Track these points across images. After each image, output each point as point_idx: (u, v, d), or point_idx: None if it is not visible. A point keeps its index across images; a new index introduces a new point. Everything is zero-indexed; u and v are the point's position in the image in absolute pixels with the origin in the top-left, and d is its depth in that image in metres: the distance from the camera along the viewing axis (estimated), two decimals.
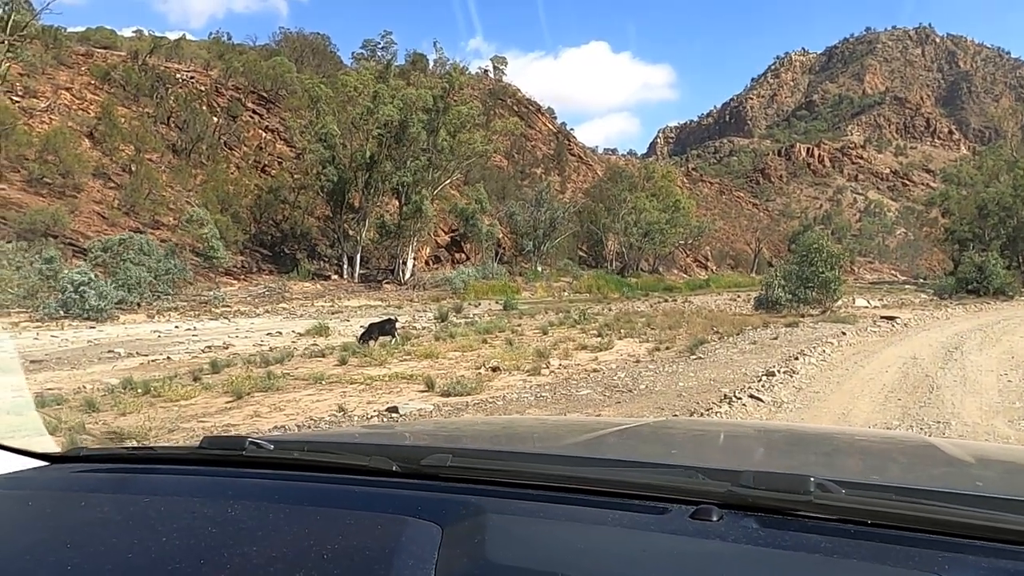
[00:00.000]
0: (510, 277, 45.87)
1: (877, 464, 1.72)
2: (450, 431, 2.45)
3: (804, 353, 13.17)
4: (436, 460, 1.24)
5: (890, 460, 1.79)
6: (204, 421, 8.43)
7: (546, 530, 1.01)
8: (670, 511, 1.03)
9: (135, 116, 45.71)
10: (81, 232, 32.95)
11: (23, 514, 1.13)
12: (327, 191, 42.60)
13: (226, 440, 1.43)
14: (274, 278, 38.28)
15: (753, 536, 0.95)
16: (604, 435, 1.86)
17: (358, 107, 41.65)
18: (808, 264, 25.31)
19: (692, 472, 1.15)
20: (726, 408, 8.48)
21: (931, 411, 8.45)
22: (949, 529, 0.93)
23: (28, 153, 36.43)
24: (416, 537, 0.96)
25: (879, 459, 1.79)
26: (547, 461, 1.30)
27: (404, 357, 13.88)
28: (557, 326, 19.86)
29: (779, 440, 2.08)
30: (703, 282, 58.18)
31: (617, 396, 9.74)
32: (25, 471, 1.38)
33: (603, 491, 1.10)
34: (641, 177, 66.33)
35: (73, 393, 9.99)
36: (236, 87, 55.39)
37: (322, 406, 9.32)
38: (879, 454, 1.87)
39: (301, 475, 1.27)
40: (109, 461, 1.44)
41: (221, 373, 11.83)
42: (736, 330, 18.14)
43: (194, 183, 43.55)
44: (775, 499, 1.01)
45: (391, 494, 1.14)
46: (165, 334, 19.35)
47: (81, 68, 47.87)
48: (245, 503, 1.12)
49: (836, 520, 0.97)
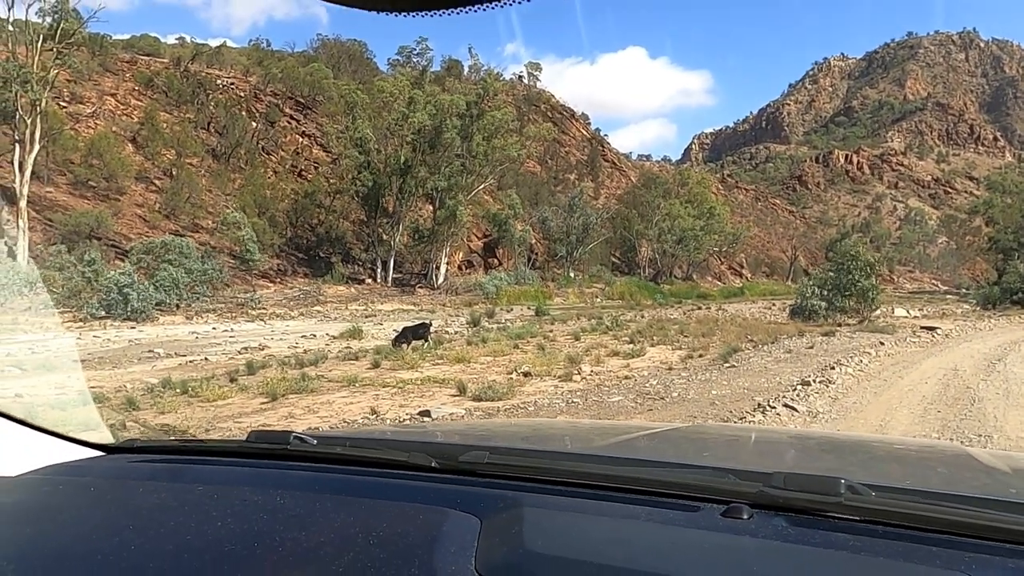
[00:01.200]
0: (542, 283, 45.84)
1: (909, 470, 1.71)
2: (485, 431, 2.48)
3: (841, 363, 12.97)
4: (474, 457, 1.27)
5: (922, 466, 1.77)
6: (240, 421, 8.58)
7: (581, 523, 1.04)
8: (702, 509, 1.04)
9: (176, 121, 46.76)
10: (123, 234, 33.77)
11: (85, 499, 1.19)
12: (362, 196, 43.07)
13: (272, 434, 1.48)
14: (309, 281, 38.78)
15: (783, 534, 0.96)
16: (635, 437, 1.88)
17: (393, 113, 42.08)
18: (845, 272, 24.90)
19: (723, 473, 1.17)
20: (760, 417, 8.40)
21: (972, 424, 8.27)
22: (976, 532, 0.93)
23: (74, 157, 37.50)
24: (456, 527, 1.00)
25: (911, 465, 1.78)
26: (581, 460, 1.32)
27: (436, 361, 13.96)
28: (589, 332, 19.81)
29: (811, 445, 2.08)
30: (737, 290, 57.60)
31: (649, 403, 9.69)
32: (84, 460, 1.45)
33: (636, 489, 1.13)
34: (675, 183, 65.93)
35: (114, 392, 10.24)
36: (274, 93, 56.34)
37: (355, 408, 9.43)
38: (912, 460, 1.86)
39: (343, 468, 1.31)
40: (161, 452, 1.50)
41: (256, 374, 12.02)
42: (771, 338, 17.91)
43: (232, 187, 44.37)
44: (805, 500, 1.02)
45: (431, 488, 1.18)
46: (203, 335, 19.73)
47: (125, 75, 49.15)
48: (292, 493, 1.16)
49: (866, 521, 0.98)
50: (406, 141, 42.08)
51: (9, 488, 1.24)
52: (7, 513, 1.12)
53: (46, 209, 32.71)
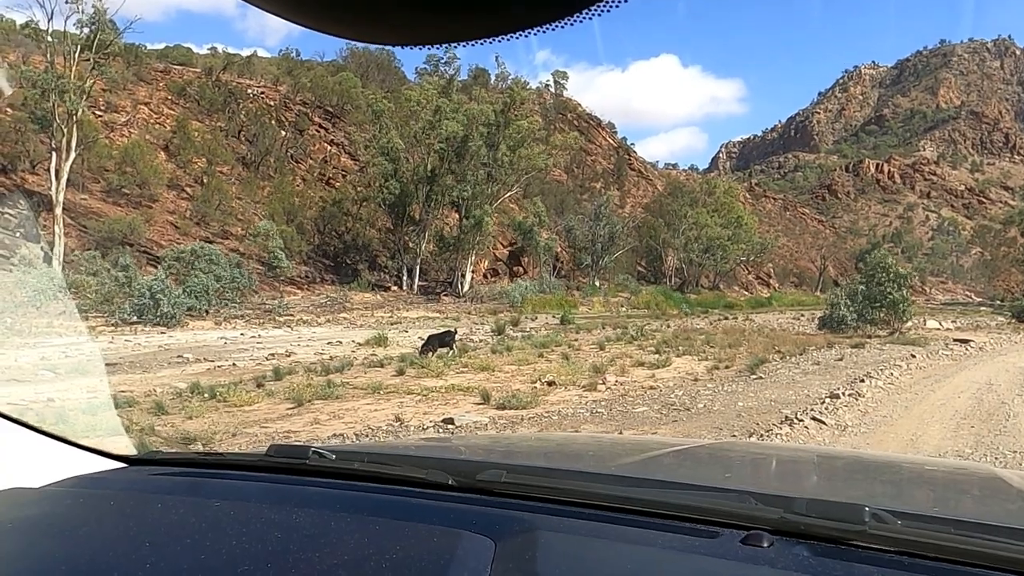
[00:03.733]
0: (567, 292, 45.78)
1: (938, 495, 1.67)
2: (505, 446, 2.47)
3: (871, 375, 12.75)
4: (491, 476, 1.27)
5: (952, 491, 1.73)
6: (266, 427, 8.66)
7: (597, 549, 1.03)
8: (721, 535, 1.03)
9: (208, 130, 47.59)
10: (155, 241, 34.38)
11: (106, 512, 1.21)
12: (389, 204, 43.40)
13: (291, 448, 1.49)
14: (335, 288, 39.12)
15: (804, 564, 0.94)
16: (659, 455, 1.86)
17: (420, 121, 42.39)
18: (876, 283, 24.52)
19: (745, 497, 1.14)
20: (787, 430, 8.27)
21: (1007, 440, 8.07)
22: (1002, 564, 0.90)
23: (108, 165, 38.30)
24: (470, 551, 0.99)
25: (940, 490, 1.74)
26: (600, 480, 1.31)
27: (461, 369, 13.98)
28: (614, 342, 19.71)
29: (836, 466, 2.03)
30: (765, 300, 56.98)
31: (674, 415, 9.60)
32: (105, 472, 1.48)
33: (655, 512, 1.11)
34: (702, 192, 65.53)
35: (144, 396, 10.40)
36: (303, 102, 57.09)
37: (380, 415, 9.46)
38: (941, 484, 1.81)
39: (361, 485, 1.32)
40: (182, 465, 1.52)
41: (283, 380, 12.13)
42: (799, 350, 17.68)
43: (262, 195, 44.99)
44: (828, 528, 1.00)
45: (447, 507, 1.17)
46: (231, 341, 19.97)
47: (159, 84, 50.16)
48: (308, 511, 1.17)
49: (892, 552, 0.95)
50: (433, 150, 42.36)
51: (34, 500, 1.26)
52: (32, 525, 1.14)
53: (81, 216, 33.44)
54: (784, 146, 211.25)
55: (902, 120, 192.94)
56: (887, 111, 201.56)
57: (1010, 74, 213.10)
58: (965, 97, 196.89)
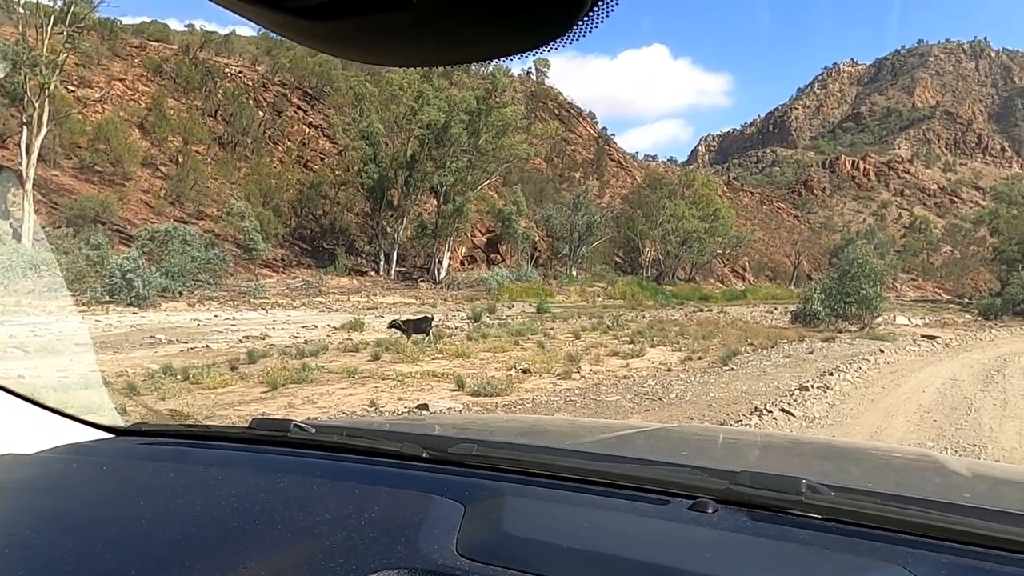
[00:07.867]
0: (544, 280, 45.89)
1: (870, 473, 1.79)
2: (478, 425, 2.55)
3: (840, 369, 13.00)
4: (463, 449, 1.35)
5: (887, 469, 1.86)
6: (240, 409, 8.65)
7: (558, 512, 1.12)
8: (671, 503, 1.13)
9: (184, 108, 46.86)
10: (128, 220, 33.88)
11: (99, 477, 1.26)
12: (367, 188, 43.15)
13: (273, 422, 1.55)
14: (312, 272, 38.88)
15: (743, 527, 1.05)
16: (622, 435, 1.98)
17: (402, 106, 42.09)
18: (849, 279, 24.91)
19: (695, 470, 1.24)
20: (756, 420, 8.44)
21: (967, 433, 8.30)
22: (919, 530, 1.01)
23: (81, 141, 37.60)
24: (441, 512, 1.07)
25: (875, 468, 1.86)
26: (565, 455, 1.39)
27: (436, 355, 14.03)
28: (590, 331, 19.86)
29: (781, 446, 2.20)
30: (740, 293, 57.60)
31: (647, 404, 9.74)
32: (96, 440, 1.53)
33: (614, 484, 1.21)
34: (681, 185, 65.88)
35: (115, 376, 10.32)
36: (282, 83, 56.42)
37: (354, 400, 9.49)
38: (875, 464, 1.94)
39: (340, 456, 1.39)
40: (168, 436, 1.57)
41: (257, 363, 12.09)
42: (771, 343, 17.96)
43: (238, 176, 44.49)
44: (768, 497, 1.10)
45: (420, 476, 1.25)
46: (205, 323, 19.81)
47: (134, 60, 49.25)
48: (291, 477, 1.24)
49: (822, 519, 1.06)
50: (413, 135, 42.11)
51: (28, 464, 1.32)
52: (28, 487, 1.20)
53: (52, 192, 32.83)
54: (763, 141, 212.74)
55: (879, 118, 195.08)
56: (864, 109, 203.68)
57: (984, 76, 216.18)
58: (940, 97, 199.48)
